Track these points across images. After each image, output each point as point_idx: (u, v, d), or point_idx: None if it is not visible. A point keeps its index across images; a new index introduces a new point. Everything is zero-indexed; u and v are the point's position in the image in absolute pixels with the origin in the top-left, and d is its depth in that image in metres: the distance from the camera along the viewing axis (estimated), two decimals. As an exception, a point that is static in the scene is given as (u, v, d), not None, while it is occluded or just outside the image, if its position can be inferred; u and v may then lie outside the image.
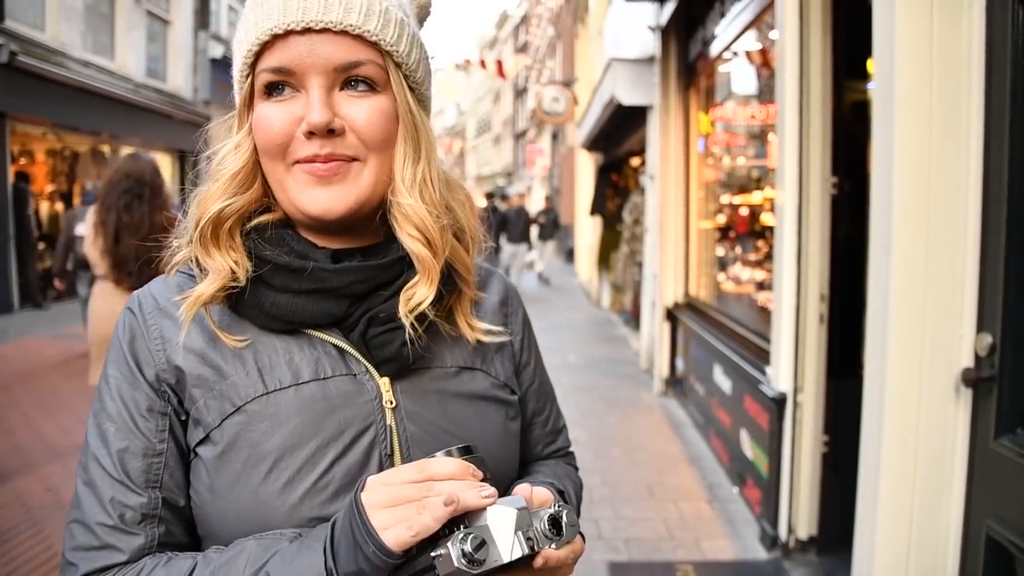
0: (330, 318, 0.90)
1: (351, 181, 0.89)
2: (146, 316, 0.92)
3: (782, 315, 3.52)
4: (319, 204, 0.88)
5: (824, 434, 3.51)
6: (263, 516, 0.84)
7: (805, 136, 3.42)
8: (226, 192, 0.91)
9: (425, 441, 0.91)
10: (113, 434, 0.88)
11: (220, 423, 0.87)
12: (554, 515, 0.79)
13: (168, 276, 0.96)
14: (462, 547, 0.71)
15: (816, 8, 3.37)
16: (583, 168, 17.52)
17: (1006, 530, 1.99)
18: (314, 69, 0.85)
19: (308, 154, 0.87)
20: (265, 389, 0.87)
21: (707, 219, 6.32)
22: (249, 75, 0.89)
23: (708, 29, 5.60)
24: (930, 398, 2.23)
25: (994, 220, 2.08)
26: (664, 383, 6.87)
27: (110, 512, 0.85)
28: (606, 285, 12.61)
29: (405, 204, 0.90)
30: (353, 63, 0.86)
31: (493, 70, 21.62)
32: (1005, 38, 2.01)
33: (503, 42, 46.35)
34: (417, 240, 0.90)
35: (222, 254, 0.89)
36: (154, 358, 0.89)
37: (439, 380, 0.96)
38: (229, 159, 0.92)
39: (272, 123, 0.87)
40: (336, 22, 0.84)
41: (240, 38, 0.90)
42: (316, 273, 0.89)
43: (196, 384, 0.88)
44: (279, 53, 0.86)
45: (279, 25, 0.85)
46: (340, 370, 0.90)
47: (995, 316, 2.07)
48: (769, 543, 3.66)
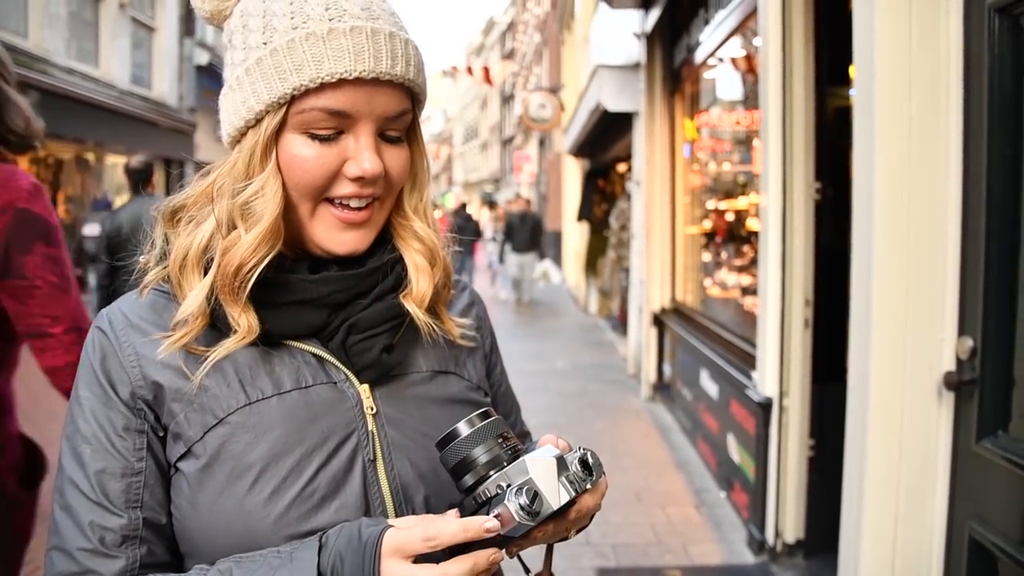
0: (310, 328, 0.91)
1: (374, 221, 0.93)
2: (117, 333, 0.90)
3: (767, 320, 3.55)
4: (346, 246, 0.91)
5: (810, 438, 3.53)
6: (249, 527, 0.83)
7: (788, 142, 3.45)
8: (265, 242, 0.86)
9: (406, 446, 0.92)
10: (90, 456, 0.86)
11: (202, 436, 0.86)
12: (582, 457, 0.82)
13: (141, 295, 0.94)
14: (518, 501, 0.74)
15: (798, 15, 3.41)
16: (570, 174, 17.56)
17: (989, 532, 2.01)
18: (370, 116, 0.87)
19: (349, 192, 0.89)
20: (248, 400, 0.87)
21: (693, 224, 6.35)
22: (285, 105, 0.86)
23: (692, 36, 5.64)
24: (913, 402, 2.25)
25: (974, 225, 2.11)
26: (651, 388, 6.89)
27: (90, 536, 0.84)
28: (593, 291, 12.63)
29: (418, 228, 0.97)
30: (400, 113, 0.90)
31: (480, 76, 21.68)
32: (982, 45, 2.04)
33: (490, 49, 46.45)
34: (421, 253, 0.97)
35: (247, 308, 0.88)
36: (129, 376, 0.88)
37: (416, 385, 0.97)
38: (259, 203, 0.87)
39: (316, 163, 0.87)
40: (400, 75, 0.87)
41: (283, 66, 0.84)
42: (296, 285, 0.90)
43: (175, 398, 0.87)
44: (340, 96, 0.85)
45: (350, 71, 0.84)
46: (320, 378, 0.90)
47: (976, 320, 2.10)
48: (757, 547, 3.68)
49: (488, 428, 0.81)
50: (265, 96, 0.85)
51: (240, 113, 0.88)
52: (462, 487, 0.81)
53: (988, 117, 2.03)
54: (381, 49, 0.85)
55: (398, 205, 0.98)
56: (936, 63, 2.18)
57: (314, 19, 0.85)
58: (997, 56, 2.00)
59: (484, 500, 0.78)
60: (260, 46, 0.86)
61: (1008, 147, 1.99)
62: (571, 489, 0.79)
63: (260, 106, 0.86)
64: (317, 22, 0.84)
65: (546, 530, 0.81)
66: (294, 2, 0.86)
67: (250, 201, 0.87)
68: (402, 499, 0.90)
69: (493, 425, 0.81)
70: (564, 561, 3.62)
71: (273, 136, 0.87)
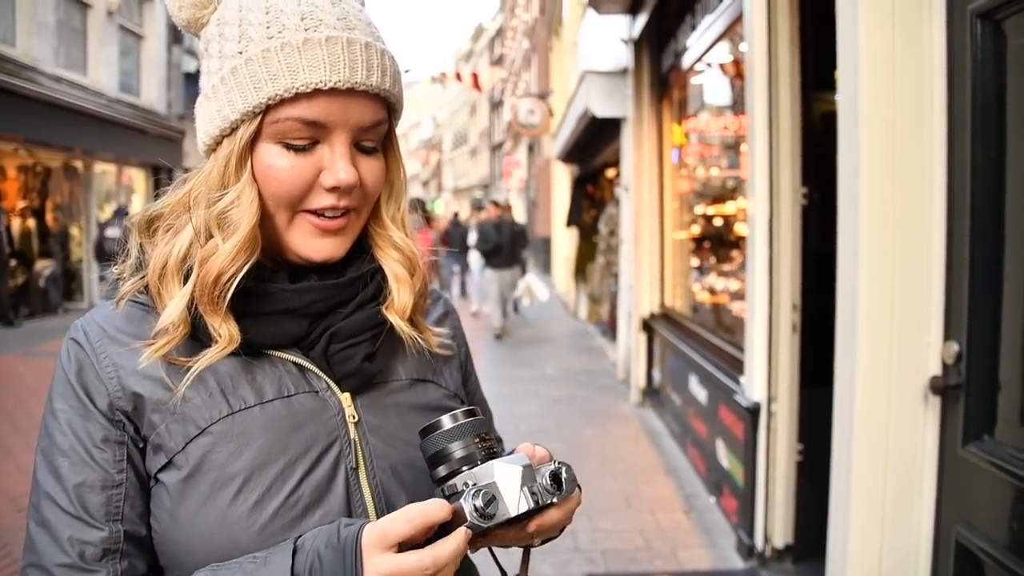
0: (291, 338, 0.91)
1: (350, 229, 0.93)
2: (93, 344, 0.89)
3: (755, 325, 3.55)
4: (323, 252, 0.91)
5: (799, 443, 3.53)
6: (232, 538, 0.82)
7: (775, 147, 3.46)
8: (243, 251, 0.86)
9: (388, 454, 0.93)
10: (68, 469, 0.85)
11: (184, 447, 0.85)
12: (555, 471, 0.84)
13: (117, 306, 0.92)
14: (474, 503, 0.76)
15: (784, 20, 3.42)
16: (559, 180, 17.60)
17: (975, 536, 2.01)
18: (345, 127, 0.87)
19: (326, 204, 0.88)
20: (230, 409, 0.86)
21: (682, 230, 6.37)
22: (259, 115, 0.85)
23: (680, 42, 5.65)
24: (899, 406, 2.25)
25: (958, 228, 2.11)
26: (641, 394, 6.89)
27: (68, 551, 0.82)
28: (583, 296, 12.64)
29: (395, 237, 0.97)
30: (376, 123, 0.90)
31: (469, 83, 21.69)
32: (964, 51, 2.05)
33: (479, 55, 46.52)
34: (400, 263, 0.97)
35: (227, 317, 0.87)
36: (107, 387, 0.87)
37: (396, 393, 0.98)
38: (235, 213, 0.86)
39: (291, 174, 0.86)
40: (376, 86, 0.87)
41: (258, 76, 0.84)
42: (277, 295, 0.90)
43: (155, 409, 0.86)
44: (314, 106, 0.84)
45: (325, 81, 0.83)
46: (302, 387, 0.90)
47: (961, 324, 2.10)
48: (746, 552, 3.67)
49: (469, 426, 0.83)
50: (240, 105, 0.85)
51: (215, 122, 0.87)
52: (434, 477, 0.83)
53: (972, 121, 2.04)
54: (357, 59, 0.85)
55: (376, 215, 0.98)
56: (920, 68, 2.19)
57: (290, 29, 0.84)
58: (980, 61, 2.01)
59: (450, 494, 0.80)
60: (235, 55, 0.86)
61: (992, 151, 1.99)
62: (532, 500, 0.80)
63: (235, 115, 0.85)
64: (293, 32, 0.84)
65: (504, 535, 0.84)
66: (270, 11, 0.85)
67: (226, 211, 0.86)
68: (384, 506, 0.90)
69: (475, 424, 0.84)
70: (553, 568, 3.61)
71: (248, 145, 0.86)
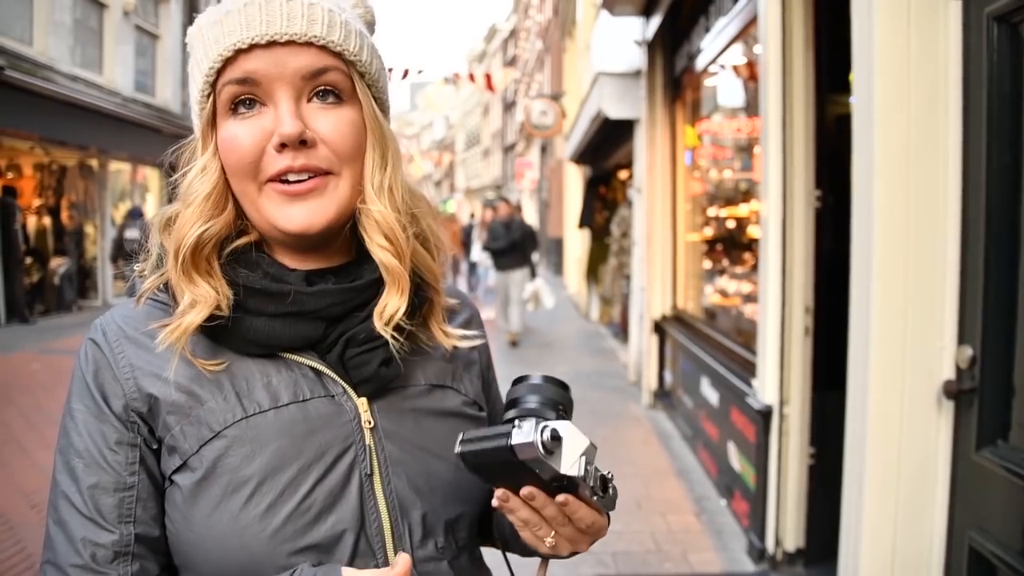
0: (306, 341, 0.90)
1: (329, 195, 0.89)
2: (112, 345, 0.90)
3: (767, 328, 3.54)
4: (297, 221, 0.87)
5: (811, 446, 3.52)
6: (244, 542, 0.83)
7: (789, 149, 3.45)
8: (201, 216, 0.89)
9: (403, 460, 0.91)
10: (82, 470, 0.86)
11: (198, 449, 0.85)
12: (606, 476, 0.84)
13: (137, 304, 0.93)
14: (541, 435, 0.77)
15: (798, 22, 3.41)
16: (572, 181, 17.57)
17: (988, 541, 2.00)
18: (281, 80, 0.85)
19: (281, 167, 0.86)
20: (244, 413, 0.86)
21: (694, 232, 6.35)
22: (210, 94, 0.88)
23: (693, 43, 5.64)
24: (912, 410, 2.24)
25: (973, 232, 2.10)
26: (652, 396, 6.88)
27: (81, 552, 0.83)
28: (594, 298, 12.62)
29: (375, 211, 0.90)
30: (320, 69, 0.86)
31: (482, 84, 21.66)
32: (980, 53, 2.04)
33: (492, 56, 46.54)
34: (387, 250, 0.90)
35: (204, 281, 0.88)
36: (123, 388, 0.87)
37: (413, 398, 0.96)
38: (197, 183, 0.90)
39: (241, 141, 0.86)
40: (300, 33, 0.85)
41: (198, 57, 0.89)
42: (294, 297, 0.89)
43: (171, 411, 0.87)
44: (243, 65, 0.85)
45: (243, 39, 0.84)
46: (318, 392, 0.90)
47: (975, 328, 2.09)
48: (757, 556, 3.66)
49: (555, 392, 0.84)
50: (196, 86, 0.89)
51: (193, 108, 0.92)
52: (505, 417, 0.83)
53: (987, 124, 2.03)
54: (275, 14, 0.84)
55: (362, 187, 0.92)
56: (935, 70, 2.18)
57: (223, 10, 0.87)
58: (996, 64, 2.00)
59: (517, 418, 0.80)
60: (195, 46, 0.91)
61: (1007, 154, 1.99)
62: (583, 470, 0.80)
63: (196, 95, 0.90)
64: (224, 11, 0.87)
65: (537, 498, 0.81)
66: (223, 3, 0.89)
67: (192, 183, 0.90)
68: (398, 515, 0.89)
69: (562, 395, 0.85)
70: (563, 570, 3.61)
71: (209, 121, 0.90)
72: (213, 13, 0.88)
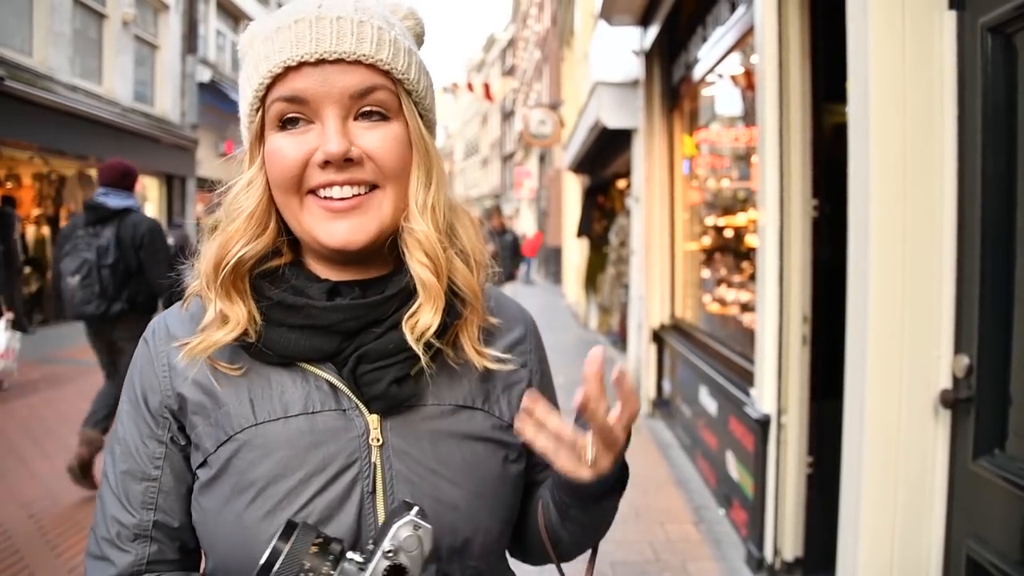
0: (321, 353, 0.90)
1: (372, 212, 0.89)
2: (157, 344, 0.96)
3: (765, 337, 3.54)
4: (338, 237, 0.88)
5: (809, 455, 3.51)
6: (246, 542, 0.86)
7: (786, 158, 3.46)
8: (244, 234, 0.91)
9: (411, 480, 0.90)
10: (119, 456, 0.95)
11: (215, 450, 0.90)
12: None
13: (184, 306, 0.97)
14: None
15: (795, 32, 3.43)
16: (570, 190, 17.61)
17: (986, 551, 2.00)
18: (329, 99, 0.86)
19: (322, 180, 0.87)
20: (255, 420, 0.89)
21: (692, 241, 6.36)
22: (260, 109, 0.89)
23: (691, 53, 5.67)
24: (909, 419, 2.25)
25: (969, 241, 2.11)
26: (651, 404, 6.87)
27: (109, 527, 0.93)
28: (593, 306, 12.63)
29: (418, 230, 0.90)
30: (368, 88, 0.87)
31: (480, 93, 21.76)
32: (975, 63, 2.05)
33: (490, 65, 46.69)
34: (426, 267, 0.90)
35: (239, 299, 0.90)
36: (160, 385, 0.94)
37: (433, 419, 0.93)
38: (242, 197, 0.92)
39: (286, 154, 0.87)
40: (349, 52, 0.85)
41: (249, 73, 0.90)
42: (308, 310, 0.90)
43: (196, 411, 0.92)
44: (292, 83, 0.86)
45: (292, 57, 0.85)
46: (330, 405, 0.90)
47: (972, 337, 2.10)
48: (755, 565, 3.65)
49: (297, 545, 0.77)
50: (245, 100, 0.91)
51: (243, 122, 0.94)
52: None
53: (982, 134, 2.04)
54: (325, 32, 0.85)
55: (405, 204, 0.92)
56: (930, 81, 2.19)
57: (274, 25, 0.88)
58: (990, 74, 2.01)
59: None
60: (245, 59, 0.93)
61: (1002, 163, 1.99)
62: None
63: (246, 108, 0.91)
64: (275, 27, 0.88)
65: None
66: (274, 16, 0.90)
67: (237, 196, 0.92)
68: None
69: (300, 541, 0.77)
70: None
71: (257, 136, 0.91)
72: (264, 26, 0.90)
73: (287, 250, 0.95)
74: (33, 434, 5.95)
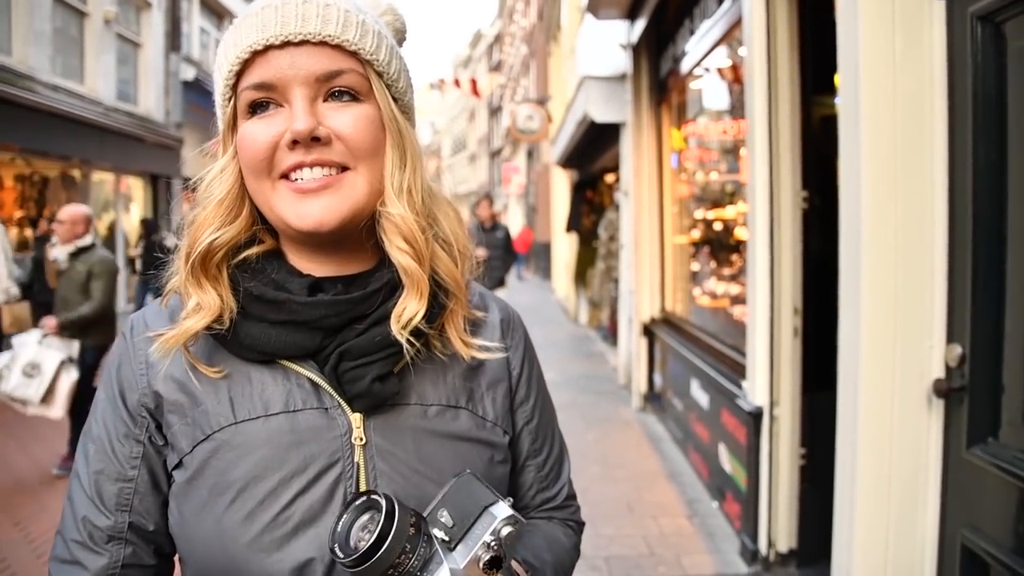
0: (302, 350, 0.89)
1: (345, 190, 0.87)
2: (135, 341, 0.93)
3: (756, 329, 3.54)
4: (310, 219, 0.86)
5: (801, 447, 3.52)
6: (224, 545, 0.84)
7: (775, 151, 3.46)
8: (215, 221, 0.90)
9: (395, 480, 0.88)
10: (92, 455, 0.91)
11: (191, 450, 0.87)
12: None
13: (164, 301, 0.96)
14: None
15: (783, 24, 3.42)
16: (558, 185, 17.60)
17: (981, 539, 2.00)
18: (296, 81, 0.85)
19: (293, 161, 0.85)
20: (234, 419, 0.87)
21: (682, 234, 6.36)
22: (231, 97, 0.89)
23: (678, 46, 5.66)
24: (903, 409, 2.25)
25: (960, 231, 2.11)
26: (642, 399, 6.88)
27: (80, 530, 0.90)
28: (583, 301, 12.63)
29: (395, 214, 0.88)
30: (335, 71, 0.86)
31: (467, 89, 21.72)
32: (965, 53, 2.05)
33: (477, 61, 46.62)
34: (406, 253, 0.88)
35: (211, 287, 0.89)
36: (137, 383, 0.91)
37: (417, 418, 0.92)
38: (215, 184, 0.91)
39: (256, 138, 0.86)
40: (315, 33, 0.84)
41: (220, 62, 0.90)
42: (289, 305, 0.88)
43: (172, 410, 0.90)
44: (260, 69, 0.85)
45: (258, 41, 0.84)
46: (311, 403, 0.88)
47: (964, 327, 2.09)
48: (750, 557, 3.66)
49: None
50: (220, 86, 0.90)
51: (217, 113, 0.93)
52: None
53: (973, 124, 2.04)
54: (289, 15, 0.85)
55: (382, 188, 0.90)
56: (920, 71, 2.19)
57: (244, 14, 0.88)
58: (980, 63, 2.01)
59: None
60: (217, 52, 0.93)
61: (993, 153, 1.99)
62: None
63: (219, 100, 0.91)
64: (242, 16, 0.88)
65: None
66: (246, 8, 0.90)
67: (210, 184, 0.92)
68: None
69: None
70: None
71: (229, 124, 0.90)
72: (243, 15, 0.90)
73: (267, 238, 0.94)
74: (20, 439, 5.89)
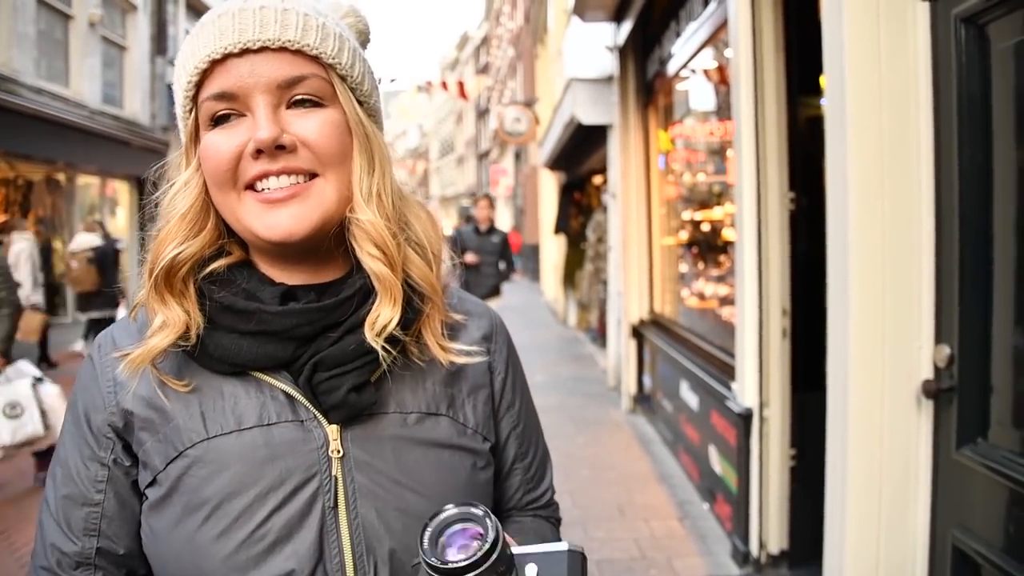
0: (275, 361, 0.86)
1: (314, 198, 0.85)
2: (103, 358, 0.90)
3: (745, 330, 3.54)
4: (279, 229, 0.84)
5: (791, 448, 3.53)
6: (198, 564, 0.82)
7: (762, 152, 3.46)
8: (178, 235, 0.87)
9: (374, 493, 0.86)
10: (60, 479, 0.89)
11: (164, 467, 0.85)
12: None
13: (132, 316, 0.93)
14: None
15: (768, 26, 3.43)
16: (546, 187, 17.61)
17: (971, 539, 2.00)
18: (257, 89, 0.83)
19: (258, 171, 0.83)
20: (207, 434, 0.85)
21: (670, 235, 6.37)
22: (192, 108, 0.86)
23: (665, 48, 5.67)
24: (892, 410, 2.25)
25: (947, 231, 2.11)
26: (632, 400, 6.88)
27: (48, 556, 0.88)
28: (572, 303, 12.63)
29: (364, 220, 0.86)
30: (296, 78, 0.84)
31: (455, 91, 21.68)
32: (949, 55, 2.06)
33: (464, 63, 46.61)
34: (377, 259, 0.86)
35: (176, 303, 0.86)
36: (104, 403, 0.88)
37: (396, 427, 0.89)
38: (179, 198, 0.88)
39: (219, 149, 0.84)
40: (274, 39, 0.82)
41: (178, 73, 0.87)
42: (259, 315, 0.85)
43: (143, 427, 0.87)
44: (219, 79, 0.83)
45: (216, 50, 0.82)
46: (286, 416, 0.86)
47: (952, 327, 2.10)
48: (741, 559, 3.66)
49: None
50: (180, 98, 0.88)
51: (179, 124, 0.91)
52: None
53: (958, 125, 2.05)
54: (247, 23, 0.83)
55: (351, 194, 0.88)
56: (905, 72, 2.20)
57: (202, 22, 0.86)
58: (964, 64, 2.02)
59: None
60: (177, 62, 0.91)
61: (979, 153, 2.00)
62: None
63: (179, 110, 0.89)
64: (200, 26, 0.86)
65: None
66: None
67: (174, 198, 0.89)
68: (363, 550, 0.84)
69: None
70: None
71: (191, 136, 0.88)
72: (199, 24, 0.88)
73: (236, 250, 0.91)
74: (5, 445, 5.82)
